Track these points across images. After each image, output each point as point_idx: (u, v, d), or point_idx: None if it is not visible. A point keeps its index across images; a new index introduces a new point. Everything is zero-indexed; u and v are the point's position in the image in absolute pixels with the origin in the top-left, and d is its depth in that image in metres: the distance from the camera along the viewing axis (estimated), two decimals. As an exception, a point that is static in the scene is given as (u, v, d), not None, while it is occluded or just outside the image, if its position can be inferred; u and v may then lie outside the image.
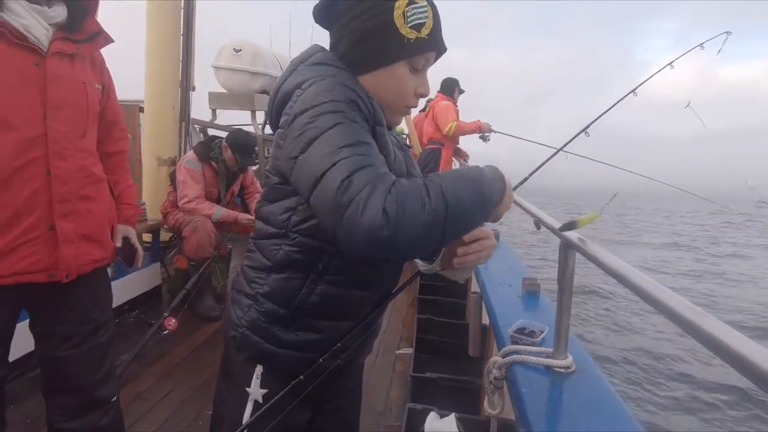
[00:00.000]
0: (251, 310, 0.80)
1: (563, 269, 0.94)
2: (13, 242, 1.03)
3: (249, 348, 0.81)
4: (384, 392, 2.14)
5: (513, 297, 1.46)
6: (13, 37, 0.98)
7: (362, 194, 0.59)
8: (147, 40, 3.55)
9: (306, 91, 0.69)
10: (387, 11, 0.72)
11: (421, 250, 0.67)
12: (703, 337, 0.49)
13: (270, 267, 0.79)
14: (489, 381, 1.04)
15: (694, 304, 0.55)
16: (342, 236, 0.61)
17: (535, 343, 1.07)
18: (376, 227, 0.58)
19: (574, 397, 0.89)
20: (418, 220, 0.60)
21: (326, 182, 0.61)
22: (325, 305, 0.79)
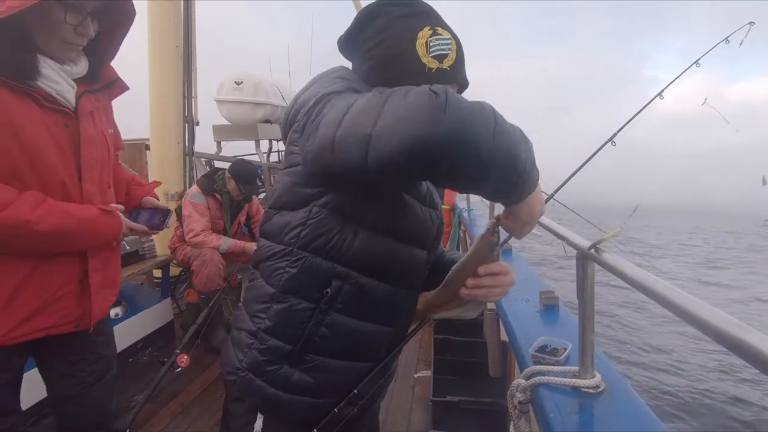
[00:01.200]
0: (252, 351, 0.73)
1: (582, 282, 0.89)
2: (50, 298, 1.04)
3: (251, 395, 0.74)
4: (405, 419, 2.06)
5: (531, 312, 1.41)
6: (45, 101, 0.98)
7: (401, 90, 0.53)
8: (150, 79, 3.64)
9: (327, 87, 0.68)
10: (410, 40, 0.71)
11: (471, 141, 0.50)
12: (744, 353, 0.44)
13: (272, 295, 0.72)
14: (513, 405, 0.98)
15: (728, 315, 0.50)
16: (381, 129, 0.51)
17: (559, 362, 1.02)
18: (425, 98, 0.50)
19: (606, 419, 0.83)
20: (468, 104, 0.52)
21: (357, 104, 0.55)
22: (336, 340, 0.73)
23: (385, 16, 0.73)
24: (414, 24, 0.72)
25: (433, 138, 0.49)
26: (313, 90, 0.71)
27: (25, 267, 0.99)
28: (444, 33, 0.73)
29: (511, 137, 0.53)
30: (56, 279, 1.04)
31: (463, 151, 0.50)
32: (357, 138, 0.53)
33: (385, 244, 0.72)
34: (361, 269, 0.72)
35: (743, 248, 24.17)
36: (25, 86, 0.94)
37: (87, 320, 1.13)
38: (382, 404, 1.06)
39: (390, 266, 0.74)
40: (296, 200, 0.71)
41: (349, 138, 0.54)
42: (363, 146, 0.52)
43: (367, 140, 0.52)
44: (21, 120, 0.94)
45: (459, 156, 0.50)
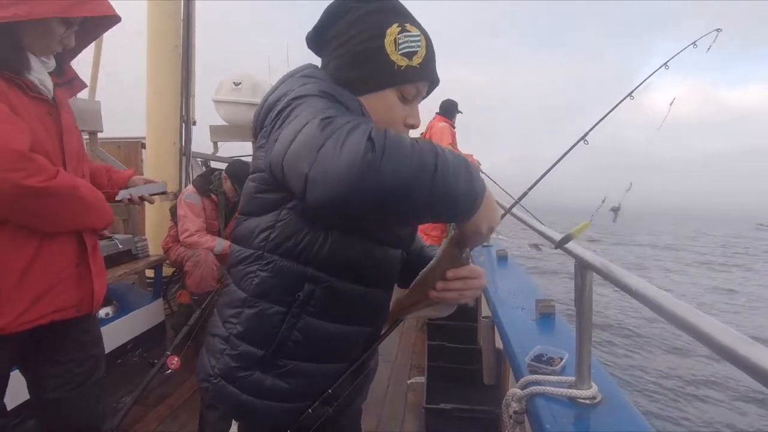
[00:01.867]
0: (224, 357, 0.72)
1: (580, 291, 0.88)
2: (53, 280, 1.06)
3: (223, 401, 0.72)
4: (397, 425, 2.04)
5: (527, 321, 1.40)
6: (29, 90, 1.03)
7: (344, 127, 0.52)
8: (148, 78, 3.61)
9: (294, 90, 0.67)
10: (379, 36, 0.70)
11: (406, 193, 0.51)
12: (744, 366, 0.43)
13: (244, 300, 0.71)
14: (509, 415, 0.97)
15: (730, 327, 0.50)
16: (315, 174, 0.51)
17: (555, 371, 1.01)
18: (360, 151, 0.49)
19: (602, 430, 0.82)
20: (406, 151, 0.51)
21: (304, 131, 0.55)
22: (309, 344, 0.71)
23: (352, 12, 0.72)
24: (382, 20, 0.71)
25: (364, 196, 0.50)
26: (281, 90, 0.70)
27: (32, 248, 1.02)
28: (413, 30, 0.71)
29: (450, 180, 0.54)
30: (58, 262, 1.07)
31: (395, 203, 0.51)
32: (297, 174, 0.54)
33: (357, 244, 0.71)
34: (334, 271, 0.70)
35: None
36: (14, 75, 0.99)
37: (87, 305, 1.14)
38: (374, 410, 1.04)
39: (364, 267, 0.73)
40: (264, 204, 0.71)
41: (291, 171, 0.56)
42: (302, 185, 0.53)
43: (303, 180, 0.53)
44: (18, 107, 0.98)
45: (392, 207, 0.51)
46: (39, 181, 0.93)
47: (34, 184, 0.93)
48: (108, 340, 2.44)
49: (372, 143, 0.50)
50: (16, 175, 0.90)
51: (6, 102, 0.95)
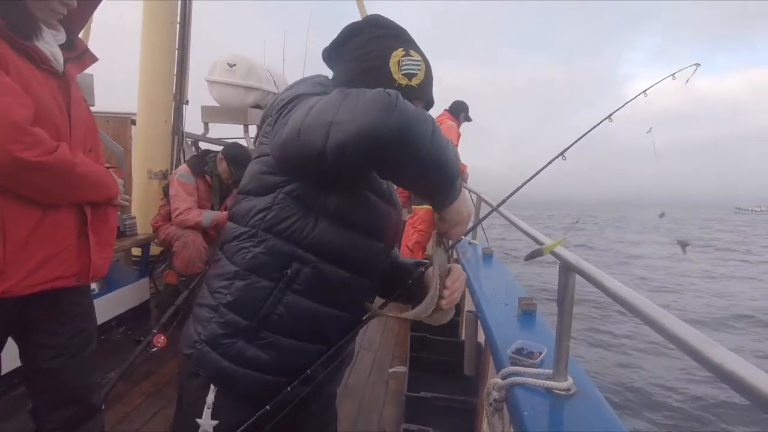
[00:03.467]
0: (211, 324, 0.76)
1: (563, 292, 0.95)
2: (55, 249, 1.09)
3: (205, 366, 0.76)
4: (377, 412, 2.11)
5: (509, 317, 1.47)
6: (41, 62, 1.04)
7: (362, 90, 0.63)
8: (141, 54, 3.55)
9: (301, 88, 0.78)
10: (385, 56, 0.81)
11: (413, 142, 0.61)
12: (707, 364, 0.50)
13: (235, 273, 0.76)
14: (489, 403, 1.04)
15: (693, 327, 0.56)
16: (341, 117, 0.61)
17: (535, 364, 1.07)
18: (380, 95, 0.61)
19: (575, 419, 0.89)
20: (414, 109, 0.62)
21: (320, 102, 0.65)
22: (292, 320, 0.76)
23: (366, 34, 0.84)
24: (390, 44, 0.82)
25: (383, 128, 0.59)
26: (291, 92, 0.79)
27: (36, 216, 1.04)
28: (415, 55, 0.83)
29: (443, 144, 0.65)
30: (60, 231, 1.10)
31: (406, 143, 0.61)
32: (320, 124, 0.62)
33: (344, 233, 0.78)
34: (321, 254, 0.76)
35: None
36: (26, 45, 1.00)
37: (86, 275, 1.17)
38: (355, 397, 1.11)
39: (348, 254, 0.79)
40: (263, 186, 0.77)
41: (313, 124, 0.63)
42: (324, 132, 0.61)
43: (328, 126, 0.61)
44: (28, 77, 0.99)
45: (402, 148, 0.61)
46: (36, 155, 0.95)
47: (31, 157, 0.94)
48: (92, 316, 2.45)
49: (388, 94, 0.61)
50: (13, 147, 0.91)
51: (17, 73, 0.96)
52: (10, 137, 0.91)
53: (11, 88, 0.94)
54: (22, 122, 0.93)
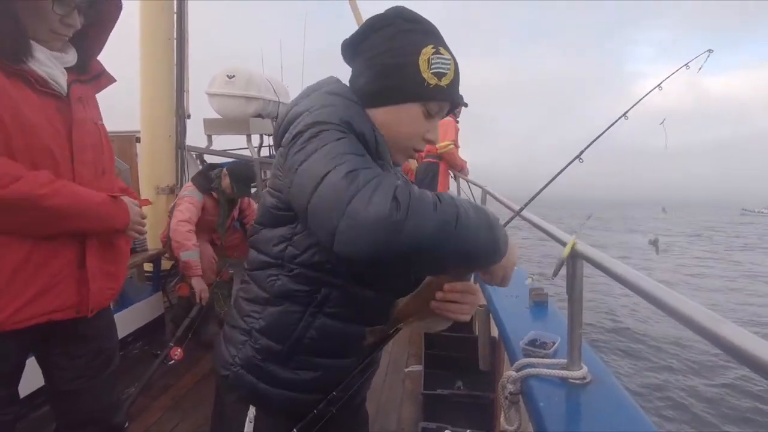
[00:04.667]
0: (246, 347, 0.77)
1: (572, 279, 0.94)
2: (50, 281, 1.05)
3: (242, 388, 0.78)
4: (395, 412, 2.11)
5: (521, 308, 1.46)
6: (37, 84, 1.01)
7: (370, 184, 0.57)
8: (141, 71, 3.60)
9: (313, 113, 0.70)
10: (414, 53, 0.75)
11: (428, 251, 0.57)
12: (719, 342, 0.49)
13: (267, 299, 0.76)
14: (504, 396, 1.03)
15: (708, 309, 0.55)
16: (344, 228, 0.55)
17: (548, 354, 1.07)
18: (386, 211, 0.54)
19: (592, 408, 0.88)
20: (429, 213, 0.57)
21: (328, 180, 0.59)
22: (323, 341, 0.76)
23: (393, 27, 0.77)
24: (419, 39, 0.76)
25: (389, 252, 0.56)
26: (306, 104, 0.74)
27: (25, 247, 1.00)
28: (445, 53, 0.77)
29: (470, 239, 0.60)
30: (55, 262, 1.05)
31: (418, 257, 0.57)
32: (324, 225, 0.59)
33: None
34: (348, 278, 0.75)
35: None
36: (20, 68, 0.97)
37: (86, 307, 1.12)
38: (373, 398, 1.11)
39: (375, 274, 0.77)
40: (281, 219, 0.76)
41: (317, 220, 0.61)
42: (330, 236, 0.58)
43: (332, 232, 0.57)
44: (17, 100, 0.96)
45: (415, 260, 0.58)
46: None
47: None
48: (109, 333, 2.49)
49: (397, 203, 0.55)
50: None
51: (3, 95, 0.93)
52: None
53: None
54: None
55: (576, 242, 0.94)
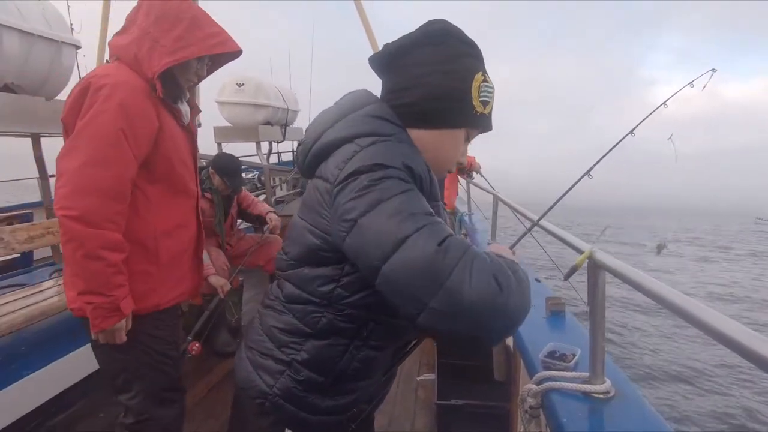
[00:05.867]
0: (284, 378, 0.75)
1: (593, 290, 0.92)
2: (187, 269, 1.32)
3: (280, 417, 0.77)
4: (409, 422, 2.08)
5: (538, 318, 1.43)
6: (180, 119, 1.26)
7: (465, 259, 0.55)
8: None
9: (366, 150, 0.66)
10: (468, 80, 0.73)
11: (521, 320, 0.59)
12: (757, 359, 0.47)
13: (309, 334, 0.74)
14: (524, 410, 1.00)
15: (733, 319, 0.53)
16: (439, 307, 0.54)
17: (569, 367, 1.04)
18: (490, 293, 0.54)
19: (617, 424, 0.86)
20: (525, 292, 0.59)
21: (413, 247, 0.56)
22: (366, 369, 0.77)
23: (446, 46, 0.73)
24: (472, 65, 0.74)
25: (488, 332, 0.56)
26: (342, 130, 0.71)
27: (181, 239, 1.27)
28: (490, 81, 0.76)
29: (525, 283, 0.61)
30: (187, 252, 1.31)
31: (511, 323, 0.58)
32: (411, 297, 0.56)
33: None
34: (396, 314, 0.73)
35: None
36: (175, 107, 1.23)
37: (197, 292, 1.38)
38: (386, 409, 1.13)
39: None
40: (326, 260, 0.72)
41: (402, 287, 0.57)
42: (416, 308, 0.56)
43: (421, 308, 0.55)
44: (174, 132, 1.22)
45: (518, 323, 0.59)
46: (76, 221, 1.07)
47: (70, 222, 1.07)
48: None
49: (499, 285, 0.55)
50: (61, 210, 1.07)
51: (168, 130, 1.19)
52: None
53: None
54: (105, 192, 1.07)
55: (593, 252, 0.93)
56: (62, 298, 2.18)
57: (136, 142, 1.09)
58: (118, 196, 1.08)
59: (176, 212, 1.26)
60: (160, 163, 1.17)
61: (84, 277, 1.06)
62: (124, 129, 1.06)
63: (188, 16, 1.14)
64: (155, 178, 1.18)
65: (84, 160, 1.04)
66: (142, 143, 1.11)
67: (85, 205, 1.03)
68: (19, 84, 2.45)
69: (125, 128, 1.07)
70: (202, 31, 1.15)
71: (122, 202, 1.09)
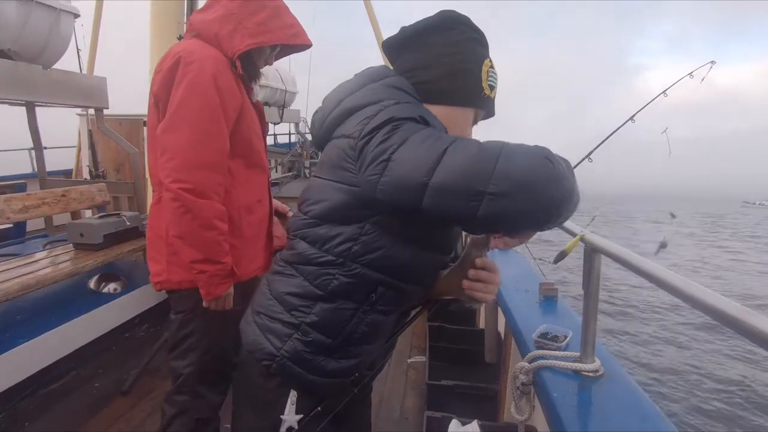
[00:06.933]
0: (293, 340, 0.78)
1: (589, 273, 0.95)
2: (263, 246, 1.34)
3: (287, 378, 0.79)
4: (399, 401, 2.13)
5: (531, 302, 1.47)
6: (251, 97, 1.30)
7: (506, 146, 0.59)
8: (150, 55, 3.58)
9: (389, 108, 0.70)
10: (478, 63, 0.80)
11: (574, 190, 0.60)
12: (750, 333, 0.49)
13: (320, 296, 0.76)
14: (516, 386, 1.04)
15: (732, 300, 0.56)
16: (498, 188, 0.55)
17: (561, 347, 1.08)
18: (540, 163, 0.56)
19: (605, 400, 0.90)
20: (564, 162, 0.60)
21: (455, 152, 0.59)
22: (372, 333, 0.80)
23: (458, 32, 0.80)
24: (481, 51, 0.81)
25: (552, 206, 0.57)
26: (364, 97, 0.75)
27: (255, 215, 1.29)
28: (495, 69, 0.83)
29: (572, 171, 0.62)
30: (263, 230, 1.34)
31: (569, 208, 0.59)
32: (466, 195, 0.58)
33: (429, 257, 0.79)
34: (406, 278, 0.78)
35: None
36: (250, 85, 1.27)
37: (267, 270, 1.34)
38: (377, 388, 1.15)
39: (429, 274, 0.83)
40: (350, 217, 0.74)
41: (455, 191, 0.58)
42: (474, 201, 0.57)
43: (481, 196, 0.57)
44: (250, 109, 1.26)
45: (570, 210, 0.60)
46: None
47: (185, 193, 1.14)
48: (115, 315, 2.51)
49: (545, 156, 0.58)
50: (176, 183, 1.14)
51: (247, 109, 1.24)
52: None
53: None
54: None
55: (585, 236, 0.96)
56: (56, 269, 2.19)
57: (226, 115, 1.16)
58: (219, 168, 1.15)
59: (255, 187, 1.29)
60: (241, 138, 1.22)
61: (198, 247, 1.12)
62: (219, 103, 1.13)
63: (272, 5, 1.22)
64: (236, 153, 1.22)
65: (188, 135, 1.10)
66: (231, 117, 1.18)
67: (196, 178, 1.09)
68: (16, 50, 2.40)
69: (219, 102, 1.13)
70: (282, 20, 1.22)
71: (223, 174, 1.17)
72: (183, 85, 1.10)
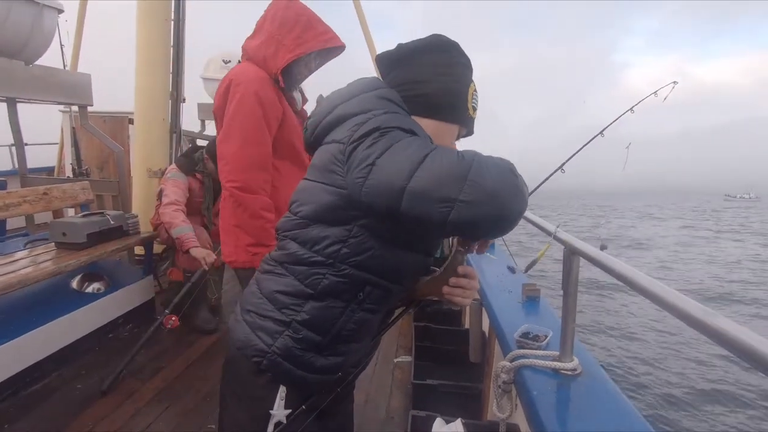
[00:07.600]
0: (283, 338, 0.80)
1: (567, 275, 0.98)
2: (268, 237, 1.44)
3: (277, 374, 0.81)
4: (385, 401, 2.14)
5: (514, 303, 1.50)
6: (294, 105, 1.51)
7: (479, 158, 0.64)
8: (137, 53, 3.53)
9: (378, 117, 0.74)
10: (467, 85, 0.87)
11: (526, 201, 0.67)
12: (713, 335, 0.52)
13: (310, 295, 0.79)
14: (497, 385, 1.07)
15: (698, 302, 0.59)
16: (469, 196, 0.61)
17: (541, 347, 1.11)
18: (508, 177, 0.63)
19: (582, 398, 0.93)
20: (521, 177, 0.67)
21: (434, 159, 0.64)
22: (360, 331, 0.83)
23: (449, 55, 0.86)
24: (468, 75, 0.88)
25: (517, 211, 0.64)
26: (356, 105, 0.78)
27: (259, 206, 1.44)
28: (476, 93, 0.89)
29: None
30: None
31: (519, 220, 0.66)
32: (440, 200, 0.62)
33: (413, 258, 0.82)
34: (392, 279, 0.81)
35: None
36: (290, 95, 1.48)
37: None
38: (362, 387, 1.19)
39: (414, 275, 0.86)
40: (337, 218, 0.77)
41: (430, 196, 0.63)
42: (447, 208, 0.62)
43: (451, 205, 0.62)
44: (291, 116, 1.46)
45: (517, 222, 0.66)
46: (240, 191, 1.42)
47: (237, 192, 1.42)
48: (99, 315, 2.48)
49: (511, 171, 0.65)
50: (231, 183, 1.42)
51: (288, 115, 1.46)
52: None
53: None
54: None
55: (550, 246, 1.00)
56: (38, 268, 2.15)
57: (269, 123, 1.40)
58: (265, 167, 1.41)
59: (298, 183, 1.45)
60: (284, 142, 1.45)
61: (251, 233, 1.40)
62: (262, 115, 1.38)
63: (303, 19, 1.40)
64: (282, 155, 1.46)
65: (239, 144, 1.38)
66: (273, 125, 1.42)
67: (245, 178, 1.37)
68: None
69: (263, 114, 1.38)
70: (314, 30, 1.41)
71: (268, 172, 1.43)
72: (233, 103, 1.37)
